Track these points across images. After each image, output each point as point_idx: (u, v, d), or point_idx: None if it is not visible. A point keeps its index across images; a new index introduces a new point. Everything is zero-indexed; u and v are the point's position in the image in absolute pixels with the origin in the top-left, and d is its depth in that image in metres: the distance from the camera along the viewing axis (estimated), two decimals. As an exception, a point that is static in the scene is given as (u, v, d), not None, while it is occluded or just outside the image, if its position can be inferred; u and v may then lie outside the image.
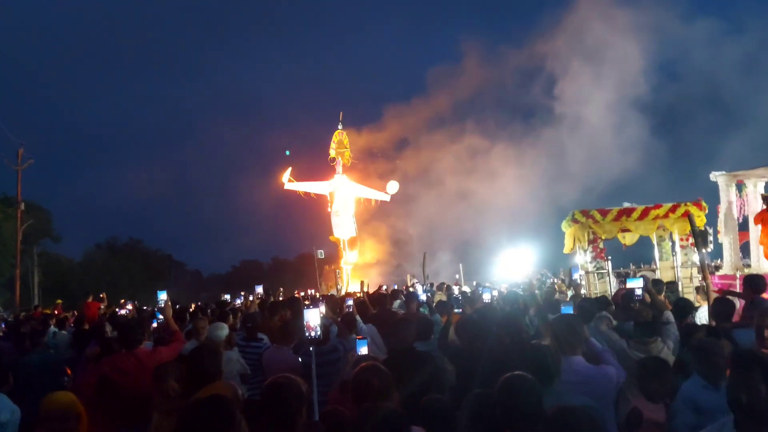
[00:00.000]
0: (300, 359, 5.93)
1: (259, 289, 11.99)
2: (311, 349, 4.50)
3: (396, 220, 37.17)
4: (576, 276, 12.77)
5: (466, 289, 17.56)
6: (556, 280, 20.09)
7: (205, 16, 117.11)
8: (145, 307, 17.73)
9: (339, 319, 7.38)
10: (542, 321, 5.82)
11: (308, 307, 4.77)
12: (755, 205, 14.74)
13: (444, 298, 13.64)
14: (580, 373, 3.86)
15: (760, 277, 7.06)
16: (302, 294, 17.33)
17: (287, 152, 35.65)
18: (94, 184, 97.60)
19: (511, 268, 22.84)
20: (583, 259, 15.98)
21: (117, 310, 14.15)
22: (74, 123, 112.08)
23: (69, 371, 7.68)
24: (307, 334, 4.48)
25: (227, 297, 16.92)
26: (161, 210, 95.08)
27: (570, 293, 12.86)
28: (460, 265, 26.05)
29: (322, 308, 7.58)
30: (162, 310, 6.71)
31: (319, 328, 4.49)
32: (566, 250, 16.77)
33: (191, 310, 12.29)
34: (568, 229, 16.36)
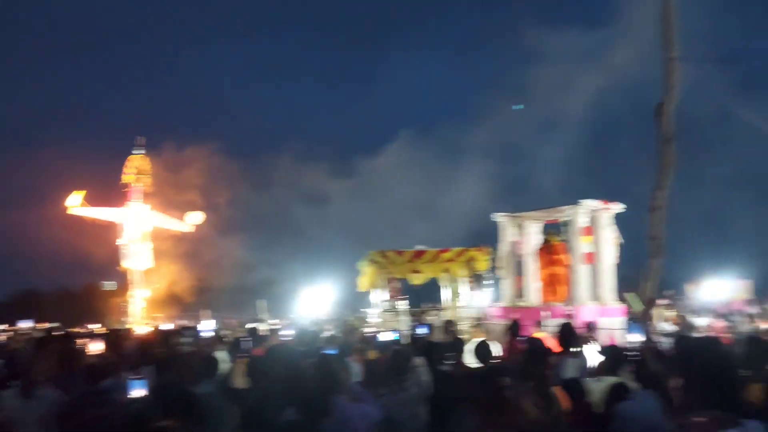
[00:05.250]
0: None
1: (24, 324, 10.76)
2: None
3: (199, 253, 35.81)
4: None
5: (258, 326, 17.25)
6: (352, 318, 20.56)
7: None
8: None
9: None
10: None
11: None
12: (531, 244, 16.54)
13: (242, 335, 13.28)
14: (340, 412, 3.96)
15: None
16: (82, 330, 15.88)
17: None
18: None
19: (313, 305, 22.99)
20: (379, 297, 16.62)
21: None
22: None
23: None
24: None
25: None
26: None
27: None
28: (264, 301, 25.69)
29: (100, 344, 7.03)
30: None
31: None
32: (362, 288, 17.34)
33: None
34: (365, 269, 16.94)
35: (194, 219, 31.79)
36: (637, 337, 3.13)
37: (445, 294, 17.41)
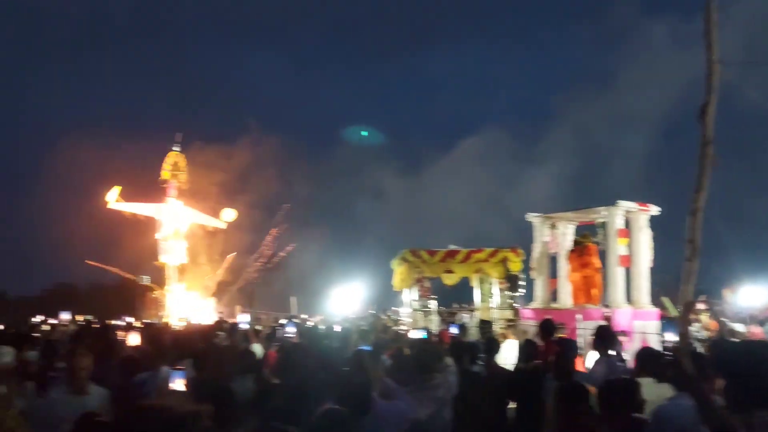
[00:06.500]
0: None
1: (65, 315, 11.04)
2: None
3: (231, 249, 36.25)
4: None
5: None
6: (383, 317, 20.63)
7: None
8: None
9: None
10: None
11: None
12: (564, 245, 16.38)
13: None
14: (378, 409, 4.00)
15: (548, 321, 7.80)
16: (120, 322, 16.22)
17: None
18: None
19: (344, 303, 23.18)
20: (409, 297, 16.64)
21: None
22: None
23: None
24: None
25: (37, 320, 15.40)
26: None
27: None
28: (295, 298, 25.93)
29: (137, 337, 7.19)
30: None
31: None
32: (396, 287, 17.38)
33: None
34: (398, 268, 16.97)
35: (228, 216, 32.24)
36: (672, 337, 3.07)
37: (477, 294, 17.36)
